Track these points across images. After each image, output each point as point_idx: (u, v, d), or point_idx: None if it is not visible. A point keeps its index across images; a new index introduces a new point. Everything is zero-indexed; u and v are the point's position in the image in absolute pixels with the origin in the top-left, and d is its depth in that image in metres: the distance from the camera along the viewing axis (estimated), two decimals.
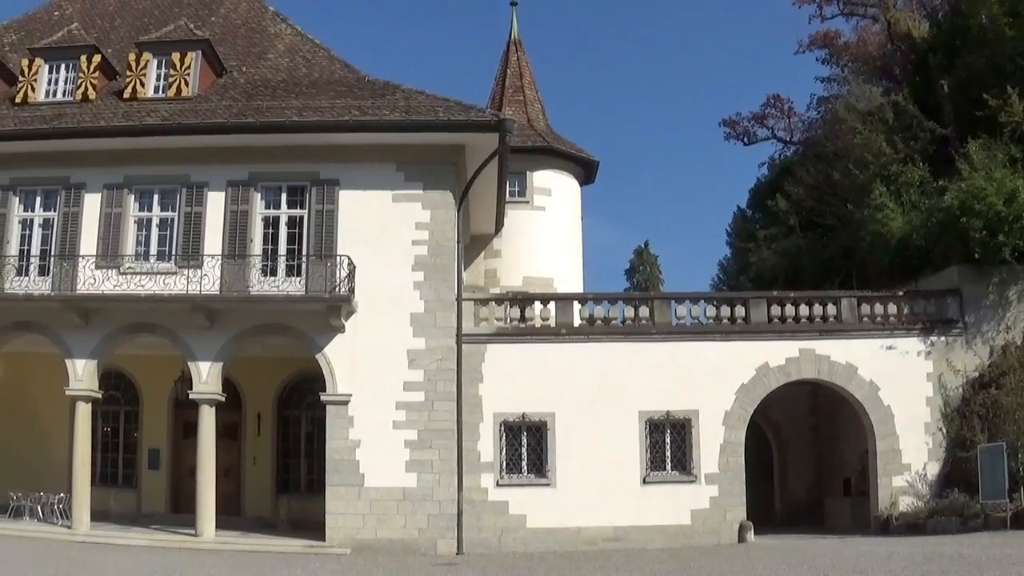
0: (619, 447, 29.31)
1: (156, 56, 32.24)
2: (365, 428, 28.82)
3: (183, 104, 31.27)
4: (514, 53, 45.07)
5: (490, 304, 30.80)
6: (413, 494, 28.58)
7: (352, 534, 28.29)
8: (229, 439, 33.59)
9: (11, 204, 31.09)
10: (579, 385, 29.54)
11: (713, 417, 29.63)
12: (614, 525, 28.91)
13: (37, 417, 33.80)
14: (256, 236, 30.12)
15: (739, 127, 52.86)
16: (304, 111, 30.31)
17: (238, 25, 36.52)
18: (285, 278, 29.74)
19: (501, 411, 29.46)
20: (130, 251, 30.46)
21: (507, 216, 39.24)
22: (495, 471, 29.29)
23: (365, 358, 29.10)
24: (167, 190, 30.71)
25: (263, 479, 34.43)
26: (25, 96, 32.33)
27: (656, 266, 77.83)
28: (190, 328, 29.38)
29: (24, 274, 30.63)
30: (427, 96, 30.96)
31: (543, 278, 39.62)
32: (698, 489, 29.41)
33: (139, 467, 34.86)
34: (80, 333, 29.90)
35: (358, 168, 30.09)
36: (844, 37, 47.11)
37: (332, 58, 34.16)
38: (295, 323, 29.40)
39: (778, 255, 44.93)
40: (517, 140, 35.06)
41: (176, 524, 30.79)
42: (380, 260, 29.45)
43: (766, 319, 30.64)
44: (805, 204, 42.96)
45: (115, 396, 34.66)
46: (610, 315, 30.78)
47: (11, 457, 32.73)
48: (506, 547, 28.59)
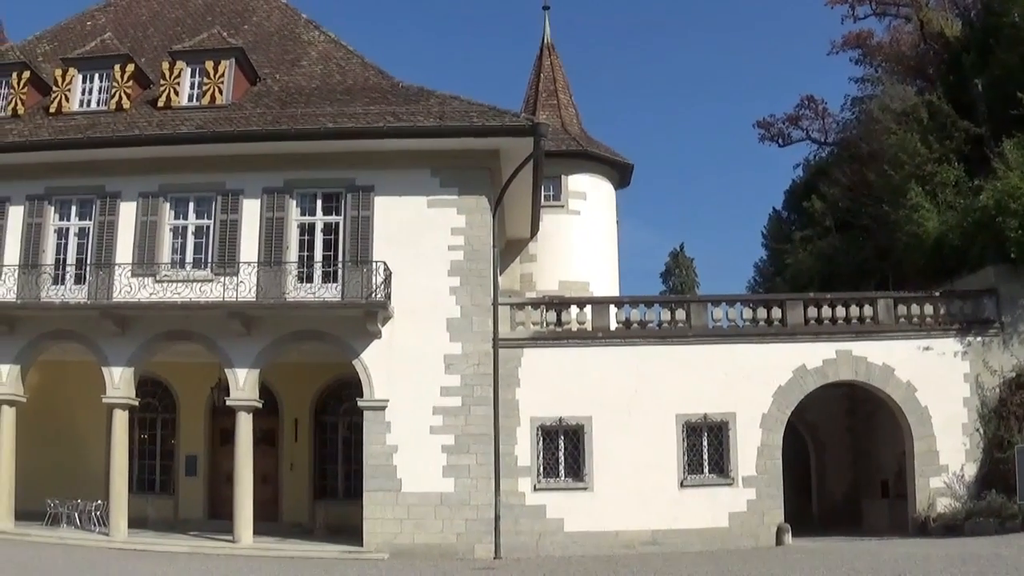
0: (656, 450, 29.57)
1: (190, 65, 32.84)
2: (402, 433, 29.21)
3: (217, 112, 31.80)
4: (547, 57, 45.56)
5: (526, 308, 31.19)
6: (450, 499, 28.89)
7: (390, 539, 28.64)
8: (266, 445, 34.20)
9: (47, 213, 31.79)
10: (616, 388, 29.81)
11: (750, 420, 29.86)
12: (651, 529, 29.16)
13: (74, 425, 34.45)
14: (292, 243, 30.64)
15: (773, 128, 53.22)
16: (338, 118, 30.72)
17: (271, 33, 37.06)
18: (321, 284, 30.17)
19: (538, 415, 29.79)
20: (166, 259, 31.03)
21: (542, 220, 39.53)
22: (532, 475, 29.61)
23: (402, 363, 29.48)
24: (202, 198, 31.29)
25: (300, 485, 34.94)
26: (59, 106, 33.00)
27: (692, 269, 78.18)
28: (227, 335, 29.88)
29: (60, 283, 31.32)
30: (461, 101, 31.32)
31: (579, 282, 39.97)
32: (735, 492, 29.63)
33: (176, 474, 35.52)
34: (117, 341, 30.47)
35: (393, 174, 30.50)
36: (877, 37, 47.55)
37: (366, 65, 34.59)
38: (332, 329, 29.81)
39: (814, 256, 45.23)
40: (551, 144, 35.49)
41: (213, 530, 31.27)
42: (416, 266, 29.85)
43: (803, 321, 30.82)
44: (840, 205, 43.26)
45: (152, 403, 35.40)
46: (646, 318, 31.03)
47: (48, 465, 33.23)
48: (543, 551, 28.87)
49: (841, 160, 45.36)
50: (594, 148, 42.74)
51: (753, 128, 54.78)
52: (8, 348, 31.14)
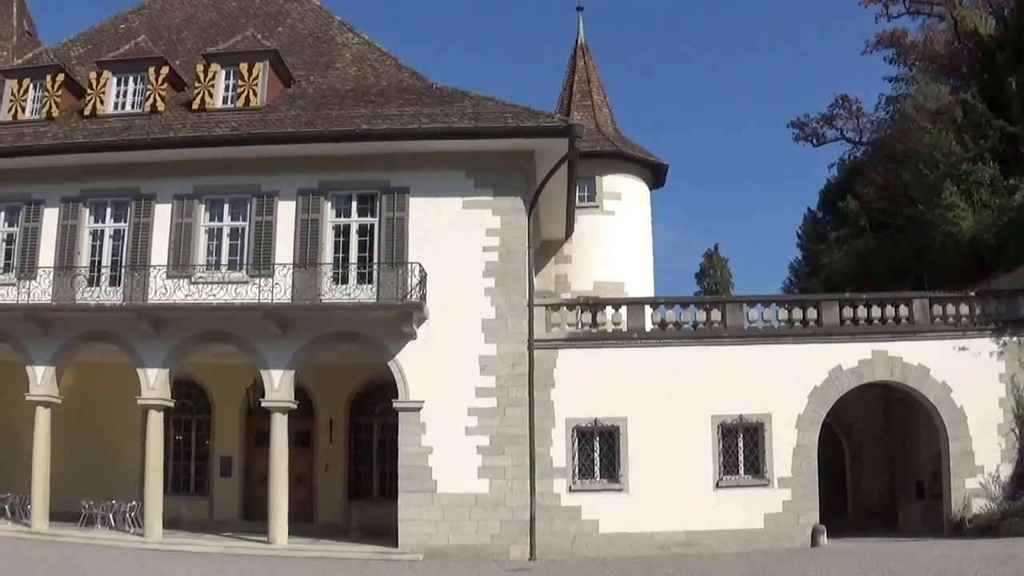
0: (692, 451, 29.77)
1: (224, 67, 33.23)
2: (437, 434, 29.47)
3: (252, 114, 32.18)
4: (581, 58, 45.88)
5: (561, 309, 31.42)
6: (485, 500, 29.12)
7: (424, 540, 28.88)
8: (301, 446, 34.49)
9: (82, 215, 32.26)
10: (651, 389, 30.04)
11: (786, 420, 30.01)
12: (687, 530, 29.33)
13: (109, 426, 34.90)
14: (327, 244, 30.97)
15: (808, 128, 53.41)
16: (373, 119, 31.02)
17: (305, 35, 37.43)
18: (356, 286, 30.54)
19: (573, 416, 30.02)
20: (201, 261, 31.42)
21: (577, 221, 39.88)
22: (567, 476, 29.84)
23: (437, 365, 29.74)
24: (237, 200, 31.69)
25: (335, 486, 35.27)
26: (94, 108, 33.46)
27: (726, 269, 78.63)
28: (262, 336, 30.25)
29: (95, 285, 31.80)
30: (496, 102, 31.58)
31: (614, 282, 40.26)
32: (771, 493, 29.78)
33: (211, 475, 35.93)
34: (152, 342, 30.92)
35: (428, 175, 30.78)
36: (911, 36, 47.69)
37: (400, 66, 34.90)
38: (367, 330, 30.11)
39: (849, 257, 45.41)
40: (586, 145, 35.65)
41: (248, 531, 31.66)
42: (451, 267, 30.09)
43: (838, 321, 30.94)
44: (875, 205, 43.48)
45: (187, 404, 35.75)
46: (681, 319, 31.29)
47: (83, 466, 33.80)
48: (578, 552, 29.10)
49: (876, 160, 45.59)
50: (628, 148, 43.04)
51: (788, 128, 55.24)
52: (43, 350, 31.60)
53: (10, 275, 32.32)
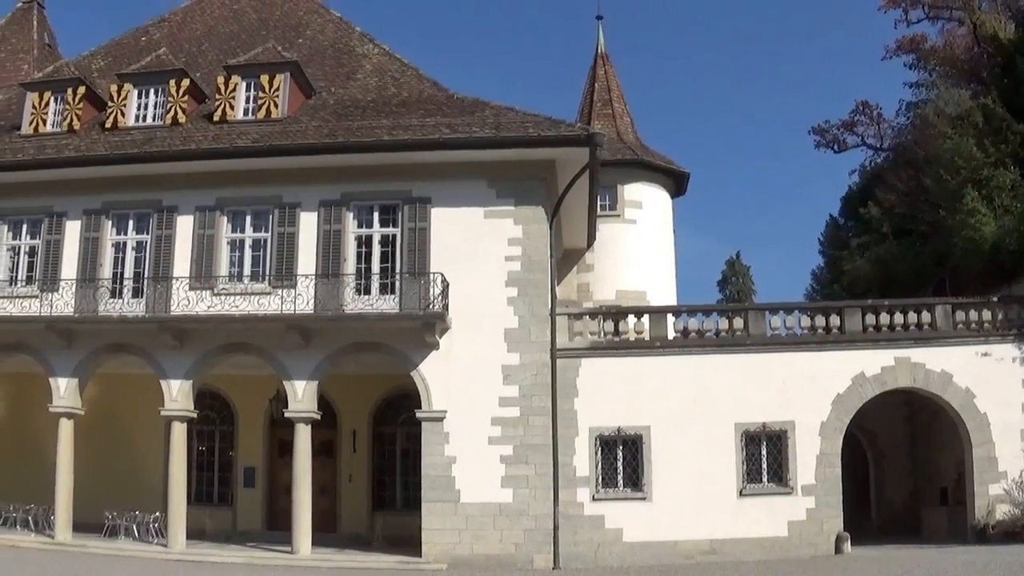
0: (715, 460, 29.87)
1: (245, 79, 33.58)
2: (461, 444, 29.64)
3: (273, 126, 32.53)
4: (601, 67, 46.29)
5: (584, 318, 31.56)
6: (509, 509, 29.28)
7: (448, 550, 29.04)
8: (325, 456, 34.81)
9: (104, 228, 32.67)
10: (674, 398, 30.14)
11: (809, 428, 30.08)
12: (710, 538, 29.43)
13: (132, 437, 35.27)
14: (349, 255, 31.25)
15: (829, 135, 53.38)
16: (394, 130, 31.31)
17: (326, 46, 37.81)
18: (379, 296, 30.79)
19: (596, 425, 30.17)
20: (223, 272, 31.79)
21: (599, 230, 40.19)
22: (591, 485, 29.99)
23: (460, 374, 29.92)
24: (259, 211, 32.02)
25: (359, 496, 35.48)
26: (115, 121, 33.87)
27: (748, 277, 78.58)
28: (285, 347, 30.50)
29: (118, 296, 32.18)
30: (516, 112, 31.81)
31: (636, 291, 40.60)
32: (795, 501, 29.80)
33: (235, 485, 36.21)
34: (175, 354, 31.23)
35: (450, 185, 31.00)
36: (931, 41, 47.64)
37: (420, 77, 35.19)
38: (389, 341, 30.33)
39: (871, 263, 45.42)
40: (607, 154, 35.91)
41: (272, 541, 31.92)
42: (473, 277, 30.28)
43: (861, 328, 30.98)
44: (897, 211, 43.52)
45: (210, 416, 36.07)
46: (704, 327, 31.40)
47: (106, 477, 34.09)
48: (602, 561, 29.27)
49: (897, 166, 45.63)
50: (649, 157, 43.38)
51: (809, 135, 55.17)
52: (66, 361, 31.93)
53: (33, 287, 32.70)
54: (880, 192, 45.06)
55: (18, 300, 32.44)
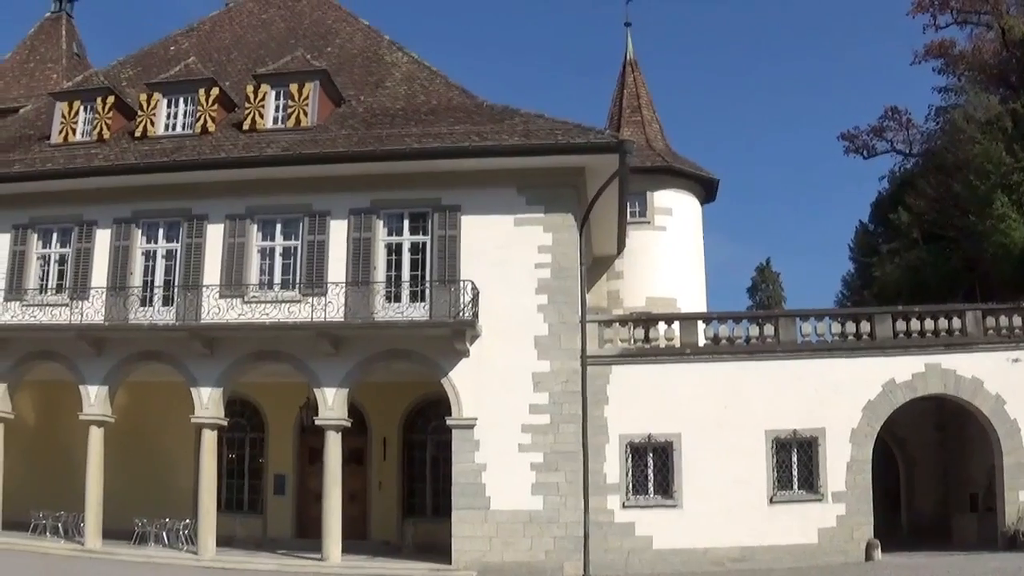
0: (745, 466, 30.04)
1: (274, 87, 34.00)
2: (491, 451, 29.88)
3: (302, 134, 32.90)
4: (630, 74, 46.65)
5: (614, 325, 31.83)
6: (539, 516, 29.44)
7: (478, 557, 29.26)
8: (355, 464, 35.02)
9: (134, 236, 33.15)
10: (705, 405, 30.33)
11: (840, 435, 30.20)
12: (741, 545, 29.60)
13: (162, 445, 35.62)
14: (379, 263, 31.59)
15: (858, 141, 53.13)
16: (424, 138, 31.61)
17: (354, 55, 38.18)
18: (409, 304, 31.10)
19: (627, 432, 30.42)
20: (254, 280, 32.15)
21: (629, 237, 40.45)
22: (621, 492, 30.23)
23: (490, 382, 30.16)
24: (289, 219, 32.40)
25: (389, 503, 35.72)
26: (144, 130, 34.34)
27: (778, 283, 79.00)
28: (315, 355, 30.83)
29: (148, 305, 32.66)
30: (546, 119, 32.01)
31: (666, 298, 40.85)
32: (825, 508, 29.95)
33: (265, 493, 36.60)
34: (205, 362, 31.65)
35: (479, 193, 31.25)
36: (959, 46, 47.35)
37: (449, 85, 35.44)
38: (420, 348, 30.59)
39: (901, 269, 45.46)
40: (636, 160, 35.88)
41: (302, 549, 32.16)
42: (503, 284, 30.52)
43: (891, 334, 31.10)
44: (927, 217, 43.49)
45: (240, 423, 36.44)
46: (734, 334, 31.57)
47: (136, 484, 34.47)
48: (632, 569, 29.52)
49: (926, 171, 45.58)
50: (679, 164, 43.68)
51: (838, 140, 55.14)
52: (96, 369, 32.44)
53: (63, 296, 33.21)
54: (910, 198, 45.05)
55: (48, 308, 33.02)
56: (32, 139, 36.29)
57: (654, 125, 45.54)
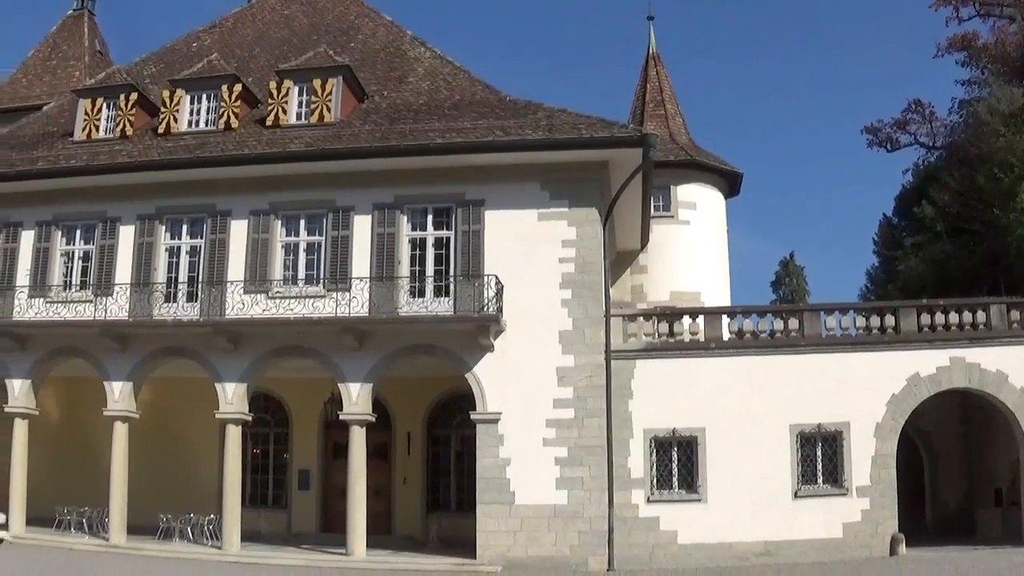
0: (770, 461, 30.11)
1: (297, 83, 34.21)
2: (515, 446, 30.01)
3: (326, 130, 33.13)
4: (653, 68, 46.86)
5: (638, 320, 31.96)
6: (564, 511, 29.57)
7: (503, 552, 29.43)
8: (379, 459, 35.37)
9: (158, 232, 33.44)
10: (729, 399, 30.42)
11: (864, 429, 30.23)
12: (765, 540, 29.71)
13: (186, 440, 36.13)
14: (403, 258, 31.77)
15: (882, 134, 53.37)
16: (447, 133, 31.77)
17: (377, 50, 38.40)
18: (433, 299, 31.25)
19: (651, 427, 30.51)
20: (278, 276, 32.43)
21: (652, 231, 40.62)
22: (646, 487, 30.35)
23: (514, 376, 30.31)
24: (313, 215, 32.61)
25: (413, 498, 36.02)
26: (168, 127, 34.61)
27: (802, 277, 78.75)
28: (339, 350, 31.05)
29: (172, 301, 32.97)
30: (569, 114, 32.06)
31: (690, 292, 41.05)
32: (850, 502, 29.99)
33: (289, 488, 36.95)
34: (229, 357, 31.93)
35: (503, 188, 31.39)
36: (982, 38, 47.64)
37: (472, 79, 35.59)
38: (444, 343, 30.77)
39: (925, 263, 45.61)
40: (660, 155, 36.11)
41: (326, 544, 32.41)
42: (527, 279, 30.66)
43: (916, 328, 31.11)
44: (951, 210, 43.64)
45: (265, 418, 36.77)
46: (759, 328, 31.69)
47: (161, 479, 34.95)
48: (657, 563, 29.61)
49: (950, 164, 45.71)
50: (703, 157, 43.87)
51: (861, 134, 55.29)
52: (121, 365, 32.76)
53: (87, 292, 33.56)
54: (934, 191, 45.18)
55: (73, 305, 33.37)
56: (55, 136, 36.63)
57: (677, 119, 45.74)
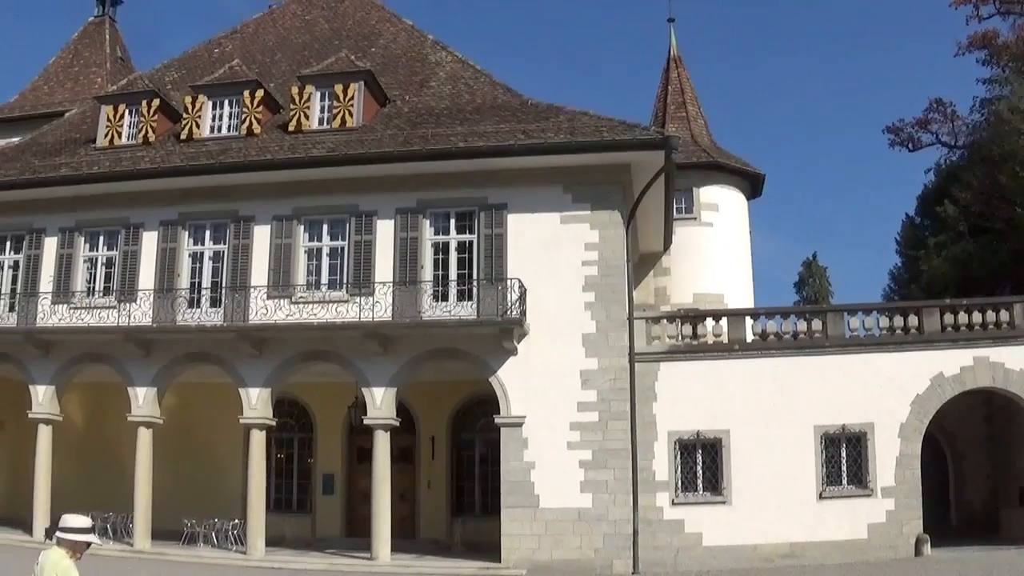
0: (794, 462, 30.14)
1: (319, 88, 34.50)
2: (539, 449, 30.16)
3: (348, 135, 33.38)
4: (674, 70, 47.03)
5: (662, 322, 32.05)
6: (588, 514, 29.68)
7: (527, 555, 29.56)
8: (403, 463, 35.56)
9: (181, 238, 33.73)
10: (753, 401, 30.48)
11: (889, 430, 30.25)
12: (790, 541, 29.73)
13: (210, 445, 36.38)
14: (426, 262, 31.95)
15: (903, 133, 53.33)
16: (469, 137, 31.96)
17: (398, 55, 38.69)
18: (456, 303, 31.45)
19: (675, 429, 30.58)
20: (301, 281, 32.67)
21: (675, 233, 40.67)
22: (670, 489, 30.41)
23: (538, 380, 30.42)
24: (336, 220, 32.86)
25: (438, 502, 36.23)
26: (190, 132, 34.95)
27: (825, 278, 78.82)
28: (363, 355, 31.26)
29: (195, 306, 33.20)
30: (591, 116, 32.26)
31: (713, 294, 41.22)
32: (874, 503, 30.01)
33: (313, 492, 37.12)
34: (253, 362, 32.17)
35: (525, 191, 31.55)
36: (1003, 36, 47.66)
37: (494, 83, 35.83)
38: (467, 347, 30.93)
39: (948, 262, 45.70)
40: (682, 157, 36.48)
41: (351, 548, 32.59)
42: (550, 282, 30.81)
43: (939, 328, 31.12)
44: (973, 209, 43.69)
45: (289, 423, 37.05)
46: (782, 329, 31.74)
47: (185, 484, 35.21)
48: (682, 566, 29.70)
49: (972, 163, 45.77)
50: (725, 159, 44.02)
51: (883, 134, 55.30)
52: (145, 371, 33.08)
53: (110, 298, 33.84)
54: (956, 190, 45.22)
55: (96, 311, 33.61)
56: (77, 143, 37.00)
57: (699, 121, 45.92)
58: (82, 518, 10.27)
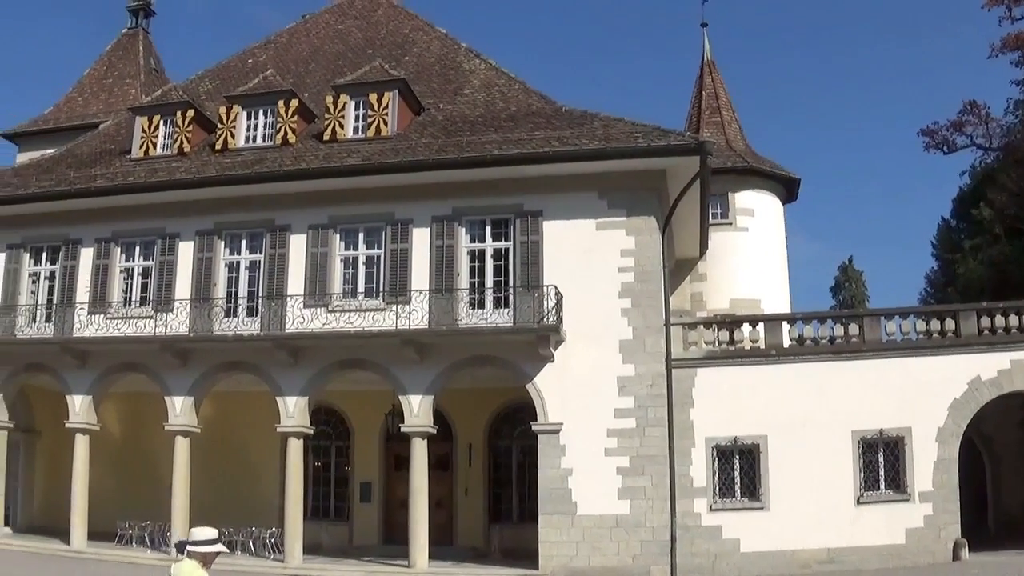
0: (832, 468, 30.13)
1: (353, 98, 34.89)
2: (577, 456, 30.29)
3: (383, 143, 33.71)
4: (708, 75, 47.25)
5: (698, 328, 32.12)
6: (626, 521, 29.83)
7: (565, 562, 29.71)
8: (441, 470, 35.74)
9: (217, 248, 34.13)
10: (790, 406, 30.50)
11: (926, 434, 30.21)
12: (828, 547, 29.70)
13: (248, 454, 36.72)
14: (462, 270, 32.22)
15: (938, 136, 53.12)
16: (504, 144, 32.19)
17: (432, 63, 39.07)
18: (493, 310, 31.67)
19: (713, 435, 30.66)
20: (337, 289, 32.97)
21: (711, 238, 40.90)
22: (708, 496, 30.49)
23: (575, 386, 30.58)
24: (372, 228, 33.16)
25: (475, 509, 36.41)
26: (225, 143, 35.40)
27: (861, 282, 78.88)
28: (400, 362, 31.49)
29: (232, 315, 33.61)
30: (625, 123, 32.46)
31: (750, 299, 41.41)
32: (912, 508, 29.98)
33: (351, 500, 37.41)
34: (290, 371, 32.48)
35: (561, 198, 31.73)
36: None
37: (528, 90, 36.11)
38: (504, 354, 31.14)
39: (984, 265, 45.70)
40: (717, 162, 36.59)
41: (388, 555, 32.76)
42: (586, 288, 30.95)
43: (976, 331, 31.05)
44: (1009, 211, 43.68)
45: (326, 431, 37.39)
46: (819, 334, 31.63)
47: (222, 493, 35.38)
48: (720, 572, 29.85)
49: (1007, 165, 45.71)
50: (760, 164, 44.20)
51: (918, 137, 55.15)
52: (181, 380, 33.45)
53: (147, 308, 34.28)
54: (991, 193, 45.22)
55: (133, 321, 34.07)
56: (112, 154, 37.47)
57: (733, 125, 46.10)
58: (209, 530, 10.73)
